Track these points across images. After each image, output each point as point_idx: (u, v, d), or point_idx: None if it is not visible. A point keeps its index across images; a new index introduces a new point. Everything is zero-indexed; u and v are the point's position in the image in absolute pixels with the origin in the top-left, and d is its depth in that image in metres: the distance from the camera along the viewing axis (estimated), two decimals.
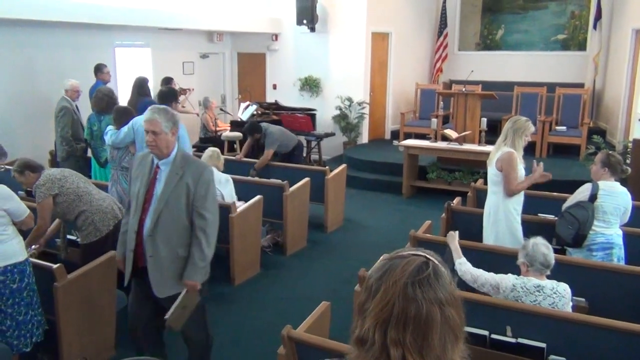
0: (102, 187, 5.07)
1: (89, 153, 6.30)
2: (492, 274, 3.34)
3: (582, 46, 10.62)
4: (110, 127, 5.24)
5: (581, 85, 10.17)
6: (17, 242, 3.50)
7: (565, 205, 4.29)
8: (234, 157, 7.19)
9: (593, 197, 4.11)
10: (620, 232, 4.18)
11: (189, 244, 3.17)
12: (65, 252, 4.47)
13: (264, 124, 7.23)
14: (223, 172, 5.51)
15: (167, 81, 8.08)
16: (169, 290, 3.17)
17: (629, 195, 4.18)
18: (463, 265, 3.47)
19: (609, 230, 4.12)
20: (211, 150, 5.60)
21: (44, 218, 3.97)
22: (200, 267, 3.16)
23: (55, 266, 3.52)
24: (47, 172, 4.06)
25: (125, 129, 5.04)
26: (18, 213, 3.48)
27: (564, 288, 3.16)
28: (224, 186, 5.35)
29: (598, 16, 9.93)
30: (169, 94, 5.28)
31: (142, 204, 3.15)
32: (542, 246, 3.19)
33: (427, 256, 1.12)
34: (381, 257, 1.20)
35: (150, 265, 3.14)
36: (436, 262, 1.12)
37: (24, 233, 3.67)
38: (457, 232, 3.84)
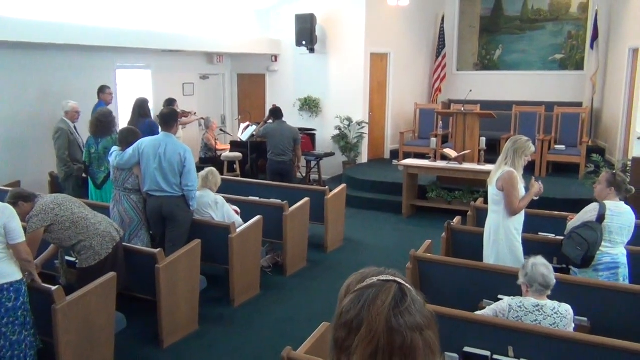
0: (100, 208, 5.07)
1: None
2: (488, 307, 3.33)
3: (579, 66, 10.72)
4: (115, 148, 5.20)
5: (579, 105, 10.23)
6: (15, 262, 3.49)
7: (570, 225, 4.26)
8: (234, 177, 7.20)
9: (601, 218, 4.06)
10: (625, 252, 4.16)
11: None
12: (65, 277, 4.42)
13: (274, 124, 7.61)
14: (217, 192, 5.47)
15: (170, 102, 8.11)
16: None
17: (633, 215, 4.17)
18: None
19: (614, 250, 4.10)
20: (205, 171, 5.51)
21: (31, 249, 3.71)
22: None
23: (54, 288, 3.51)
24: (41, 202, 3.93)
25: (130, 150, 5.00)
26: (14, 235, 3.43)
27: (566, 309, 3.14)
28: (214, 209, 5.31)
29: (595, 36, 10.03)
30: (171, 115, 5.24)
31: None
32: (541, 267, 3.16)
33: (397, 279, 1.13)
34: (345, 283, 1.18)
35: None
36: (407, 285, 1.13)
37: None
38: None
